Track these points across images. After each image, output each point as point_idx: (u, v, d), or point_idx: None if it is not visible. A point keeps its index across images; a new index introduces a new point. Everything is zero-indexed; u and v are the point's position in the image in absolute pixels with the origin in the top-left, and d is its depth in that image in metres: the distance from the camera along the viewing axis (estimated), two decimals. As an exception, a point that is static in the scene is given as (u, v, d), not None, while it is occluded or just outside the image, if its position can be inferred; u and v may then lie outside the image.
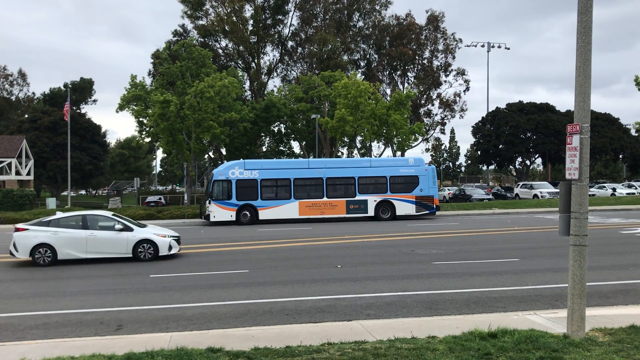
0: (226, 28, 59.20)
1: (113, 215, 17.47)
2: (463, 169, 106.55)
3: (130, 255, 16.44)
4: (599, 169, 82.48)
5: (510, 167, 71.35)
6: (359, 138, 52.44)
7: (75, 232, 16.21)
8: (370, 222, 28.94)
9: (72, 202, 47.18)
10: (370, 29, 64.90)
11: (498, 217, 32.02)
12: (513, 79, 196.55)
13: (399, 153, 47.63)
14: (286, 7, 62.68)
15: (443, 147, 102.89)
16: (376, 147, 56.83)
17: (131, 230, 16.61)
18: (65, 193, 58.24)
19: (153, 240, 16.58)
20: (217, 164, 49.20)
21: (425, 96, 64.70)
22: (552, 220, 26.78)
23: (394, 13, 69.09)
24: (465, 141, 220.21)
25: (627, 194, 45.84)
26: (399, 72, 65.06)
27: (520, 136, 61.43)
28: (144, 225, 17.77)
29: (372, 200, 30.08)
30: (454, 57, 64.13)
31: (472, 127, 65.97)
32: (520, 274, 12.91)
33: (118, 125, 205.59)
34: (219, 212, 29.41)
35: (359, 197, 30.09)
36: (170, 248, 16.78)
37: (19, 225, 16.50)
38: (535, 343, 7.10)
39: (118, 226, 16.55)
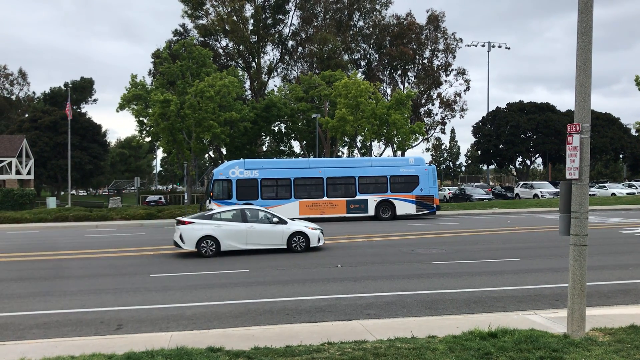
0: (226, 27, 59.17)
1: (266, 209, 18.83)
2: (463, 168, 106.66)
3: (285, 247, 17.39)
4: (600, 169, 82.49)
5: (511, 166, 71.37)
6: (359, 138, 52.44)
7: (236, 225, 17.13)
8: (370, 222, 28.94)
9: (73, 202, 47.19)
10: (371, 29, 64.88)
11: (498, 216, 32.01)
12: (513, 79, 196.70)
13: (399, 153, 47.64)
14: (286, 7, 62.68)
15: (443, 147, 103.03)
16: (376, 146, 56.84)
17: (285, 223, 17.64)
18: (65, 192, 58.24)
19: (305, 233, 17.56)
20: (218, 163, 49.20)
21: (425, 96, 64.72)
22: (552, 220, 26.77)
23: (394, 13, 68.86)
24: (466, 141, 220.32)
25: (627, 194, 45.80)
26: (399, 72, 65.08)
27: (521, 136, 61.43)
28: (293, 219, 18.80)
29: (373, 199, 30.08)
30: (454, 57, 64.23)
31: (473, 126, 66.05)
32: (521, 274, 12.91)
33: (118, 125, 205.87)
34: (219, 211, 29.39)
35: (359, 197, 30.09)
36: (319, 240, 17.67)
37: (184, 219, 17.23)
38: (535, 343, 7.10)
39: (275, 219, 17.55)
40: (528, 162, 68.05)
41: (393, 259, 15.68)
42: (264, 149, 60.65)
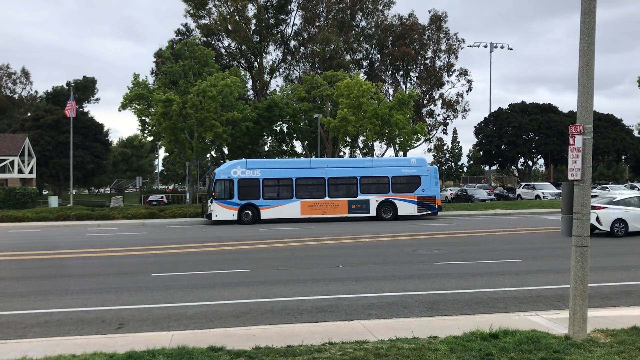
0: (229, 27, 59.16)
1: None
2: (465, 169, 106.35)
3: None
4: (602, 170, 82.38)
5: (513, 167, 71.25)
6: (361, 138, 52.44)
7: (639, 210, 20.18)
8: (372, 222, 28.93)
9: (74, 201, 47.23)
10: (373, 29, 64.82)
11: (500, 217, 31.98)
12: (516, 80, 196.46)
13: (401, 153, 47.62)
14: (289, 7, 62.60)
15: (445, 148, 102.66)
16: (378, 147, 56.85)
17: None
18: (67, 191, 58.33)
19: None
20: (219, 163, 49.24)
21: (427, 96, 64.64)
22: (554, 221, 26.73)
23: (396, 13, 68.78)
24: (468, 141, 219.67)
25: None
26: (401, 72, 64.99)
27: (523, 137, 61.35)
28: None
29: (374, 200, 30.06)
30: (456, 58, 64.11)
31: (475, 127, 65.93)
32: (522, 275, 12.89)
33: (120, 124, 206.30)
34: (221, 211, 29.43)
35: (360, 197, 30.08)
36: None
37: (597, 204, 20.30)
38: (536, 344, 7.09)
39: None
40: (530, 163, 67.97)
41: (394, 259, 15.67)
42: (266, 148, 60.60)
